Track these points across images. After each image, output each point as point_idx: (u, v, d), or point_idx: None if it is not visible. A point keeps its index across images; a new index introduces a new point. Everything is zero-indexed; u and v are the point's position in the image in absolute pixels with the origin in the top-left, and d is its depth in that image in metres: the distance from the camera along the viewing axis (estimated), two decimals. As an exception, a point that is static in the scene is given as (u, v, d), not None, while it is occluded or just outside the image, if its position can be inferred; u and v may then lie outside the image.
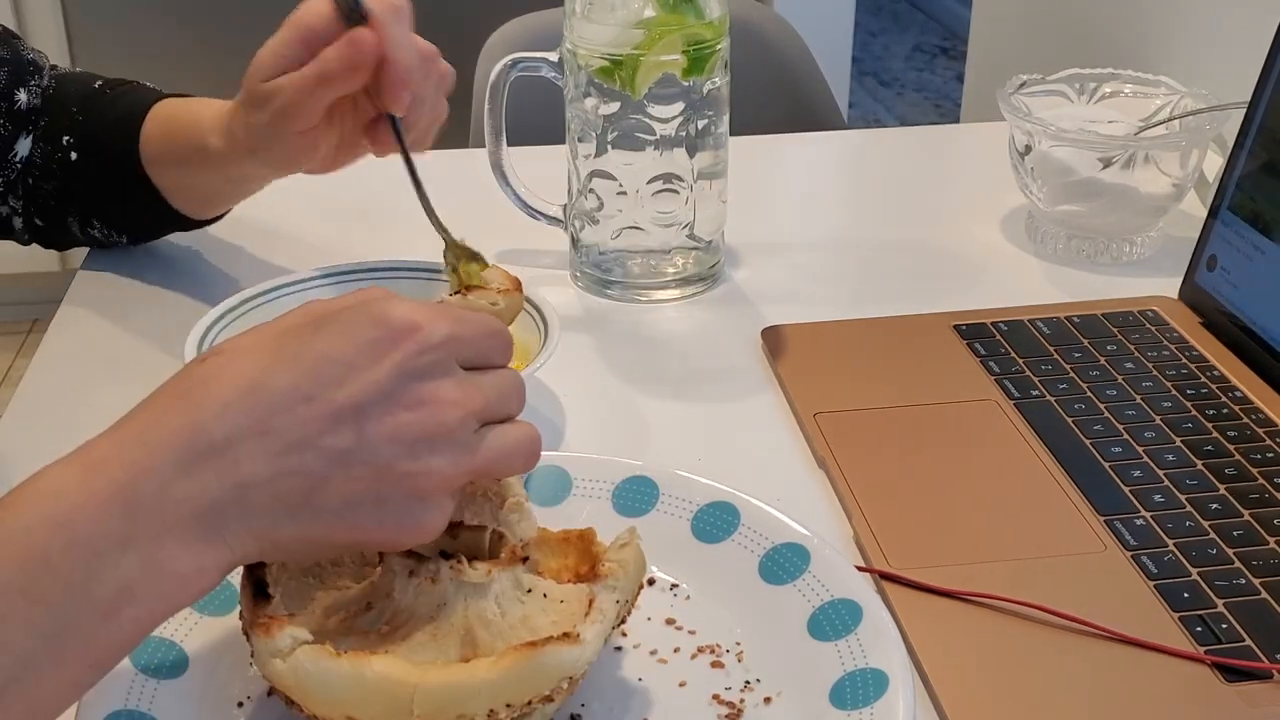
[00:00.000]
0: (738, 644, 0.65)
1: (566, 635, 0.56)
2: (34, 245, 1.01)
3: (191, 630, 0.63)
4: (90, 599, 0.50)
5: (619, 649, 0.65)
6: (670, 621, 0.67)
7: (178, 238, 1.03)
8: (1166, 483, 0.77)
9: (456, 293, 0.69)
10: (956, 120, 2.62)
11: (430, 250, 0.81)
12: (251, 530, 0.53)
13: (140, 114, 0.93)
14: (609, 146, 0.94)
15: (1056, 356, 0.90)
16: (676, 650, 0.65)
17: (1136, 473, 0.78)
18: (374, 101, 0.81)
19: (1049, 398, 0.85)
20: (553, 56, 0.96)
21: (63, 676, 0.51)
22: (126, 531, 0.51)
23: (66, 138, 0.94)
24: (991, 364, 0.89)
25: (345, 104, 0.83)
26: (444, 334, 0.56)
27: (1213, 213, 0.95)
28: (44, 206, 0.96)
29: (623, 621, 0.62)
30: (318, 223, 1.07)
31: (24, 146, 0.95)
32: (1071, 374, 0.88)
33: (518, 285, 0.72)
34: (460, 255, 0.78)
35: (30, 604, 0.49)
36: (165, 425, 0.53)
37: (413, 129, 0.82)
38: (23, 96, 0.94)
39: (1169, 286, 0.98)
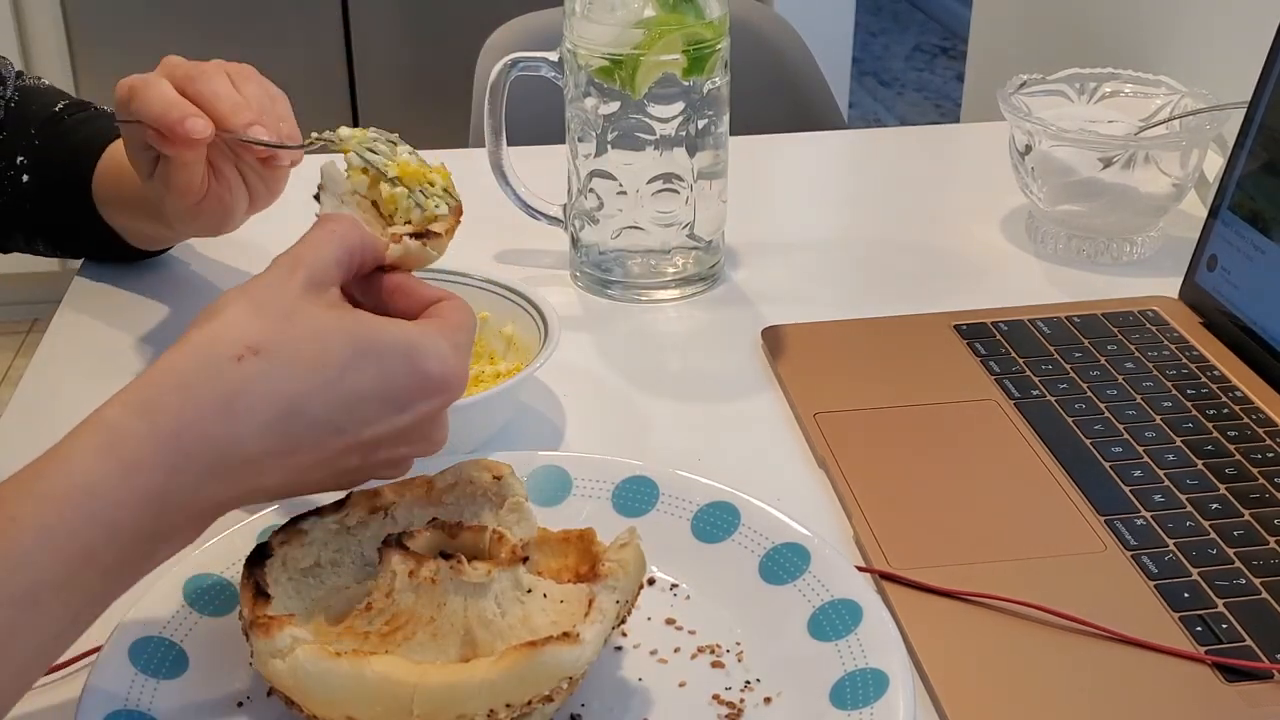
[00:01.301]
0: (738, 644, 0.65)
1: (566, 635, 0.56)
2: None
3: (191, 630, 0.63)
4: (120, 582, 0.55)
5: (619, 649, 0.65)
6: (670, 621, 0.67)
7: (178, 238, 1.04)
8: (1167, 482, 0.77)
9: (419, 236, 0.65)
10: (956, 120, 2.62)
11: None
12: (242, 505, 0.59)
13: (97, 148, 0.93)
14: (609, 146, 0.94)
15: (1057, 356, 0.90)
16: (676, 650, 0.65)
17: (1137, 472, 0.78)
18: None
19: (1049, 398, 0.85)
20: (553, 56, 0.96)
21: (75, 637, 0.55)
22: (158, 528, 0.55)
23: (20, 159, 0.94)
24: (991, 364, 0.89)
25: (224, 159, 0.83)
26: (462, 385, 0.61)
27: (1213, 213, 0.95)
28: None
29: (623, 621, 0.62)
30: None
31: None
32: (1072, 374, 0.88)
33: (458, 211, 0.69)
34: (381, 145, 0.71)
35: (70, 594, 0.53)
36: (203, 433, 0.55)
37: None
38: None
39: (1169, 286, 0.98)
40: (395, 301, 0.63)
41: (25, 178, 0.94)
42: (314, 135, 0.74)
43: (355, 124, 0.76)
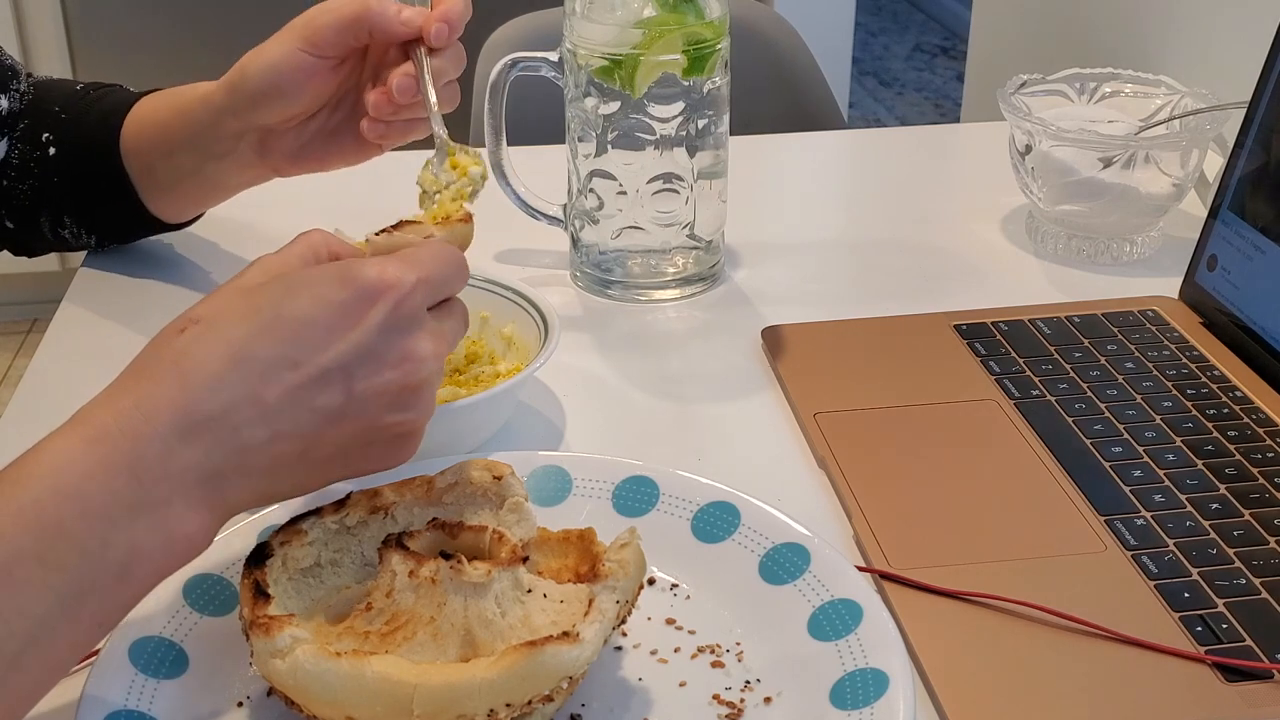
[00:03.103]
0: (738, 644, 0.65)
1: (566, 635, 0.56)
2: (3, 252, 1.01)
3: (191, 630, 0.63)
4: (105, 562, 0.53)
5: (619, 649, 0.65)
6: (670, 621, 0.67)
7: (178, 237, 1.03)
8: (1167, 482, 0.77)
9: (381, 232, 0.67)
10: (956, 120, 2.63)
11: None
12: (252, 488, 0.57)
13: (125, 108, 0.93)
14: (609, 146, 0.94)
15: (1057, 356, 0.90)
16: (676, 650, 0.65)
17: (1137, 472, 0.78)
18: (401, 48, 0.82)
19: (1049, 398, 0.85)
20: (553, 56, 0.96)
21: (75, 637, 0.54)
22: (136, 498, 0.54)
23: (46, 135, 0.94)
24: (991, 364, 0.89)
25: (351, 81, 0.86)
26: (412, 283, 0.59)
27: (1213, 213, 0.95)
28: (17, 208, 0.96)
29: (623, 621, 0.62)
30: (318, 225, 1.07)
31: (0, 150, 0.95)
32: (1072, 374, 0.88)
33: (467, 215, 0.71)
34: (452, 151, 0.77)
35: (48, 570, 0.52)
36: (160, 397, 0.55)
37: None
38: (3, 102, 0.94)
39: (1169, 286, 0.98)
40: None
41: (52, 150, 0.94)
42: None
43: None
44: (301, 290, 0.58)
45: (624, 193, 0.95)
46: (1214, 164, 1.05)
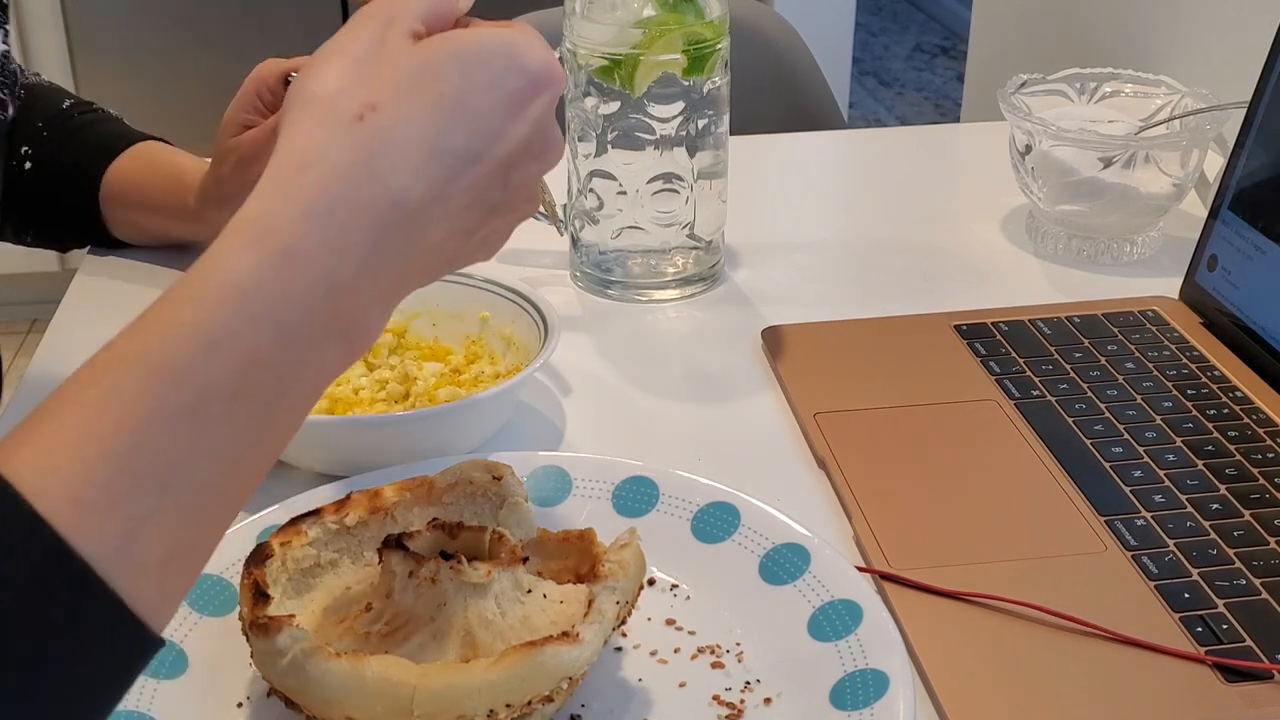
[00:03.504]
0: (738, 644, 0.65)
1: (566, 635, 0.56)
2: (4, 252, 1.03)
3: (191, 630, 0.63)
4: (299, 387, 0.49)
5: (619, 649, 0.65)
6: (670, 621, 0.67)
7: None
8: (1167, 483, 0.77)
9: None
10: (956, 120, 2.63)
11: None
12: (412, 289, 0.54)
13: (115, 147, 0.95)
14: (609, 146, 0.94)
15: (1057, 356, 0.90)
16: (676, 650, 0.65)
17: (1137, 473, 0.78)
18: None
19: (1049, 398, 0.85)
20: (553, 56, 0.96)
21: (255, 475, 0.49)
22: (331, 317, 0.49)
23: (25, 148, 0.95)
24: (991, 364, 0.89)
25: None
26: (562, 78, 0.56)
27: (1213, 213, 0.95)
28: None
29: (623, 622, 0.62)
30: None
31: None
32: (1072, 374, 0.88)
33: None
34: None
35: (241, 404, 0.47)
36: (358, 199, 0.50)
37: None
38: (11, 111, 0.95)
39: (1169, 286, 0.98)
40: None
41: (28, 165, 0.94)
42: None
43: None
44: (476, 73, 0.54)
45: (624, 193, 0.95)
46: (1214, 164, 1.05)
